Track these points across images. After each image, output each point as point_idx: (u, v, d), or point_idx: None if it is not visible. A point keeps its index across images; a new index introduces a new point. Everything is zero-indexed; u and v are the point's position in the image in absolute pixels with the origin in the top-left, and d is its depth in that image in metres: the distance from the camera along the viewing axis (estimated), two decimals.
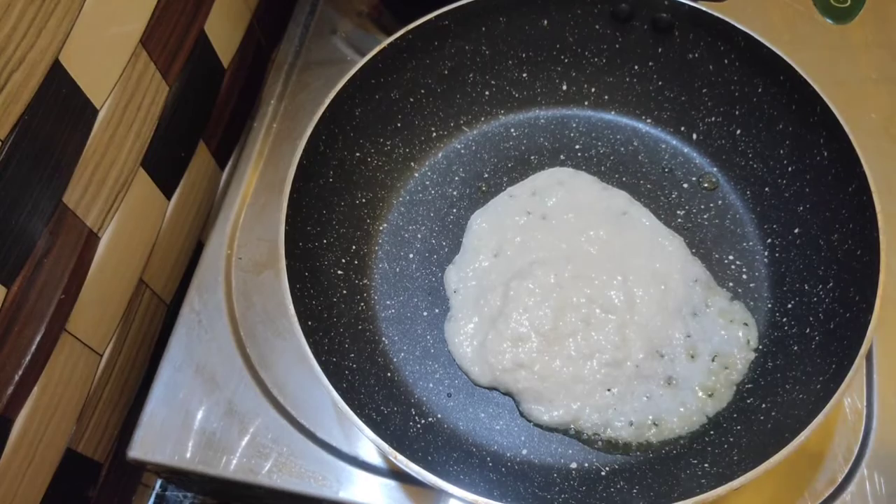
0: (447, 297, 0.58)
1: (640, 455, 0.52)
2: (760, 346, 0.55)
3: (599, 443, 0.52)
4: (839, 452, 0.54)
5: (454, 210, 0.62)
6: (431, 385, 0.56)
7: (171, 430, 0.56)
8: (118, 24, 0.51)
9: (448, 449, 0.53)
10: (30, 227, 0.46)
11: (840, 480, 0.53)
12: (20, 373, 0.48)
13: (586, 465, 0.52)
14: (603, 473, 0.52)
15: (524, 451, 0.53)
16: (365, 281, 0.59)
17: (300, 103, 0.69)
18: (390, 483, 0.55)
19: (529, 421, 0.54)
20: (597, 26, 0.61)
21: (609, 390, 0.53)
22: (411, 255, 0.60)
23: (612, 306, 0.55)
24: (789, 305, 0.55)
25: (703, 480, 0.46)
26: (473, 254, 0.59)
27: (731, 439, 0.50)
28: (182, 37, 0.59)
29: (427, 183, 0.63)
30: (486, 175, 0.63)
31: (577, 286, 0.55)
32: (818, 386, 0.47)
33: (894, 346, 0.58)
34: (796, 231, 0.56)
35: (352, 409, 0.46)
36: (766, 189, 0.59)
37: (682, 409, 0.53)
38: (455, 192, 0.63)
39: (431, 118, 0.64)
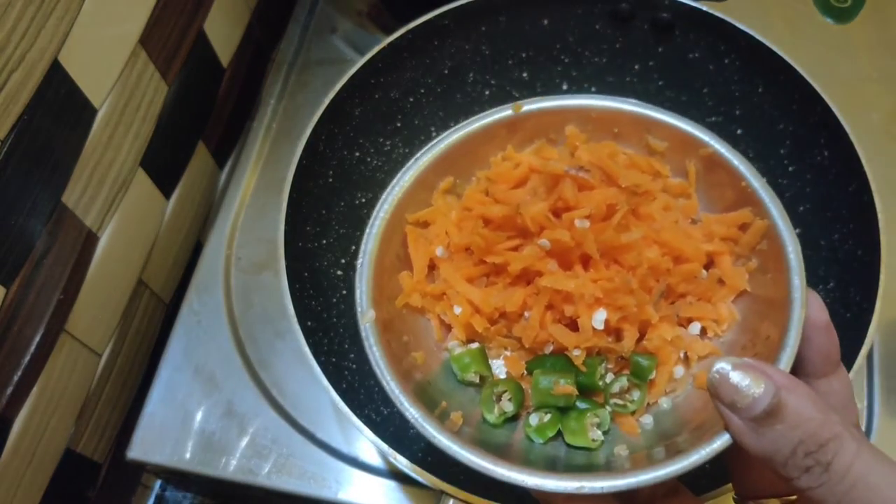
0: None
1: None
2: None
3: None
4: None
5: None
6: None
7: (171, 431, 0.56)
8: (117, 23, 0.51)
9: None
10: (29, 227, 0.46)
11: None
12: (19, 373, 0.48)
13: None
14: None
15: None
16: None
17: (300, 103, 0.69)
18: (390, 483, 0.55)
19: None
20: (597, 26, 0.61)
21: None
22: None
23: None
24: None
25: (703, 481, 0.46)
26: None
27: None
28: (181, 36, 0.59)
29: None
30: None
31: None
32: None
33: (894, 346, 0.58)
34: (797, 231, 0.56)
35: (351, 409, 0.46)
36: None
37: None
38: None
39: (431, 118, 0.63)
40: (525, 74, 0.64)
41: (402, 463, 0.45)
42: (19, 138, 0.43)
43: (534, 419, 0.37)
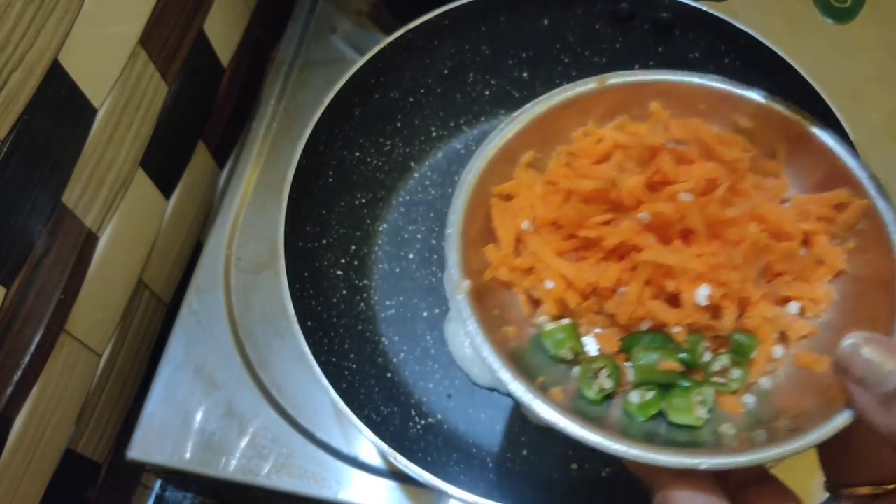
0: (447, 297, 0.58)
1: None
2: None
3: None
4: None
5: None
6: (431, 386, 0.55)
7: (171, 431, 0.56)
8: (117, 23, 0.51)
9: (448, 450, 0.52)
10: (29, 227, 0.46)
11: None
12: (19, 373, 0.47)
13: (587, 465, 0.52)
14: (604, 474, 0.52)
15: (524, 452, 0.53)
16: (365, 281, 0.59)
17: (300, 103, 0.69)
18: (390, 484, 0.55)
19: (530, 422, 0.54)
20: (597, 26, 0.61)
21: None
22: (411, 256, 0.60)
23: None
24: None
25: None
26: None
27: None
28: (181, 36, 0.59)
29: (427, 183, 0.63)
30: None
31: None
32: None
33: None
34: None
35: (351, 409, 0.46)
36: None
37: None
38: None
39: (431, 118, 0.64)
40: (525, 74, 0.64)
41: (402, 463, 0.45)
42: (19, 138, 0.43)
43: (635, 396, 0.36)
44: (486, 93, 0.64)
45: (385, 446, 0.45)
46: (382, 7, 0.74)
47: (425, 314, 0.58)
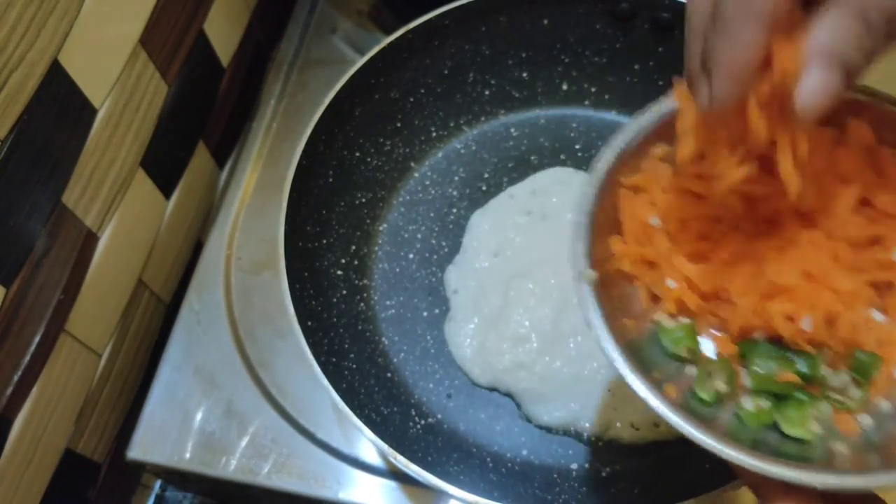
0: (447, 297, 0.58)
1: (642, 456, 0.52)
2: None
3: (600, 443, 0.52)
4: None
5: (454, 210, 0.62)
6: (431, 385, 0.55)
7: (171, 431, 0.56)
8: (117, 23, 0.51)
9: (448, 450, 0.52)
10: (29, 227, 0.46)
11: None
12: (19, 373, 0.48)
13: (587, 465, 0.52)
14: (604, 474, 0.51)
15: (524, 452, 0.53)
16: (365, 281, 0.59)
17: (300, 103, 0.69)
18: (390, 484, 0.55)
19: (530, 422, 0.54)
20: (597, 26, 0.61)
21: (610, 391, 0.53)
22: (411, 255, 0.60)
23: None
24: None
25: (703, 481, 0.46)
26: (473, 254, 0.59)
27: None
28: (181, 36, 0.59)
29: (427, 183, 0.63)
30: (486, 175, 0.63)
31: None
32: None
33: None
34: None
35: (351, 409, 0.46)
36: None
37: None
38: (455, 192, 0.63)
39: (431, 118, 0.64)
40: (525, 74, 0.64)
41: (402, 463, 0.45)
42: (19, 138, 0.43)
43: (749, 404, 0.35)
44: (486, 93, 0.64)
45: (385, 446, 0.45)
46: (382, 7, 0.74)
47: (425, 314, 0.58)
